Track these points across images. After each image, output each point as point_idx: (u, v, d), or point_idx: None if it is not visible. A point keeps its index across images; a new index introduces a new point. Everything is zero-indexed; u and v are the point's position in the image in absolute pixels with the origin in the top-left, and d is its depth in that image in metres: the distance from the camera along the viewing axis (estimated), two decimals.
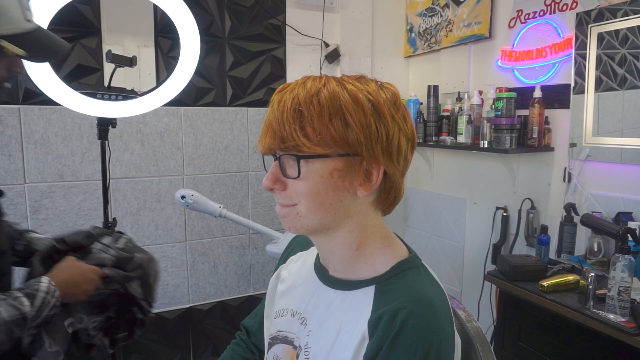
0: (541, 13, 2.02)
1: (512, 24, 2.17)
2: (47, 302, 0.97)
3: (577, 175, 1.90)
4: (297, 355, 0.71)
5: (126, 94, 1.64)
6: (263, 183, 0.67)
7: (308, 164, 0.63)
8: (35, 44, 0.92)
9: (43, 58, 0.99)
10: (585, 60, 1.81)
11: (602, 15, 1.74)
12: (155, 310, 2.38)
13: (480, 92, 2.26)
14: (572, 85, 1.87)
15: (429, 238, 2.77)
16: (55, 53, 0.99)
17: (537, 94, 1.95)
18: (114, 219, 1.75)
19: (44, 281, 1.00)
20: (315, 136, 0.62)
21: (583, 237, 1.84)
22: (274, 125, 0.63)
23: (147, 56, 2.23)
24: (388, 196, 0.69)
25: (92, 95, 1.58)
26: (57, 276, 1.04)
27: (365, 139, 0.62)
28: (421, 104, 2.59)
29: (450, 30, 2.50)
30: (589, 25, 1.78)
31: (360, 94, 0.63)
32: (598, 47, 1.77)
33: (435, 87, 2.47)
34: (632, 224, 1.58)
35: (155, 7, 2.18)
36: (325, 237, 0.69)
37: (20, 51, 0.90)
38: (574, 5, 1.88)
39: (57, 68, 2.00)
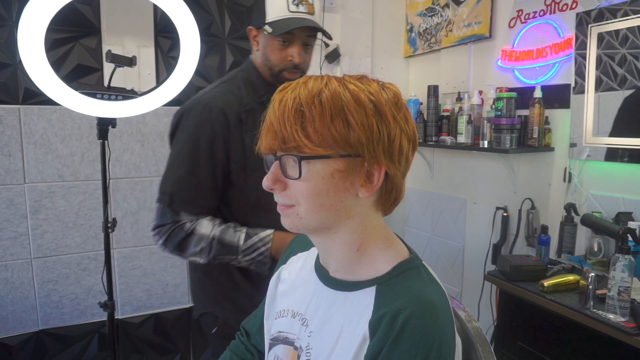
0: (541, 13, 2.02)
1: (512, 24, 2.17)
2: (257, 247, 1.14)
3: (577, 175, 1.90)
4: (298, 356, 0.71)
5: (126, 94, 1.64)
6: (263, 183, 0.67)
7: (309, 165, 0.63)
8: (280, 24, 1.14)
9: (281, 30, 1.14)
10: (585, 60, 1.81)
11: (602, 15, 1.74)
12: (155, 311, 2.39)
13: (481, 92, 2.26)
14: (572, 85, 1.87)
15: (429, 238, 2.76)
16: (290, 27, 1.14)
17: (537, 93, 1.94)
18: (114, 219, 1.76)
19: (267, 232, 1.17)
20: (317, 137, 0.61)
21: (583, 237, 1.84)
22: (275, 125, 0.63)
23: (147, 56, 2.23)
24: (389, 197, 0.68)
25: (92, 95, 1.58)
26: (281, 234, 1.16)
27: (367, 140, 0.62)
28: (421, 104, 2.59)
29: (451, 30, 2.50)
30: (589, 25, 1.78)
31: (362, 94, 0.62)
32: (598, 47, 1.77)
33: (435, 87, 2.47)
34: (632, 224, 1.57)
35: (155, 7, 2.18)
36: (325, 237, 0.69)
37: (269, 29, 1.14)
38: (574, 5, 1.87)
39: (56, 68, 2.00)
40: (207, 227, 1.15)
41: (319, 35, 1.25)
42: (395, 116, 0.64)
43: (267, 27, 1.14)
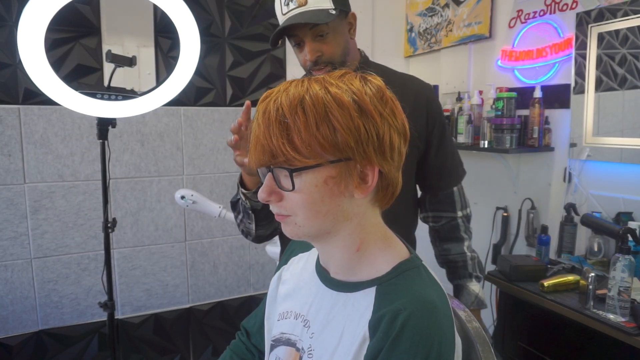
0: (541, 13, 2.02)
1: (512, 24, 2.17)
2: (241, 199, 1.09)
3: (577, 175, 1.90)
4: (300, 358, 0.71)
5: (126, 94, 1.64)
6: (259, 195, 0.66)
7: (301, 176, 0.62)
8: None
9: (273, 43, 1.14)
10: (585, 60, 1.81)
11: (602, 15, 1.74)
12: (155, 311, 2.39)
13: (481, 92, 2.26)
14: (572, 85, 1.87)
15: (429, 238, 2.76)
16: (274, 35, 1.12)
17: (537, 93, 1.95)
18: (114, 219, 1.75)
19: None
20: (305, 148, 0.60)
21: (583, 237, 1.84)
22: (262, 140, 0.62)
23: (147, 56, 2.23)
24: (386, 193, 0.68)
25: (92, 95, 1.58)
26: None
27: (356, 143, 0.61)
28: None
29: (451, 30, 2.50)
30: (589, 25, 1.78)
31: (345, 96, 0.61)
32: (598, 47, 1.76)
33: (435, 87, 2.47)
34: (632, 224, 1.57)
35: (155, 7, 2.18)
36: (325, 241, 0.69)
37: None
38: (574, 5, 1.87)
39: (56, 68, 2.00)
40: None
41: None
42: (381, 113, 0.63)
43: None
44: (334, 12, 1.08)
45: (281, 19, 1.10)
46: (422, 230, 1.47)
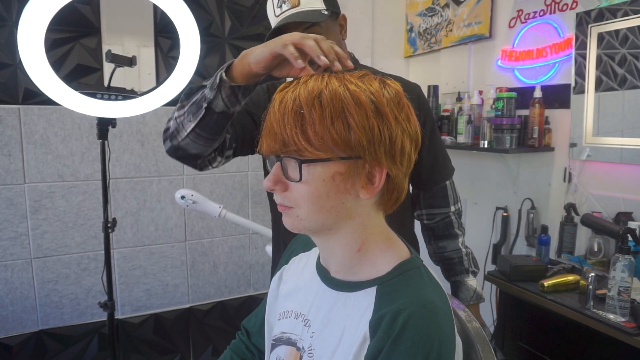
0: (541, 13, 2.02)
1: (512, 24, 2.17)
2: (216, 71, 0.88)
3: (577, 175, 1.90)
4: (301, 357, 0.71)
5: (126, 94, 1.64)
6: (264, 183, 0.67)
7: (310, 168, 0.62)
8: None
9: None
10: (585, 60, 1.81)
11: (602, 15, 1.74)
12: (155, 311, 2.38)
13: (481, 92, 2.26)
14: (573, 85, 1.87)
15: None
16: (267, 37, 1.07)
17: (538, 93, 1.95)
18: (114, 219, 1.76)
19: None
20: (317, 140, 0.61)
21: (583, 237, 1.84)
22: (275, 128, 0.62)
23: (147, 56, 2.23)
24: (391, 197, 0.68)
25: (92, 95, 1.58)
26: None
27: (368, 142, 0.61)
28: None
29: (451, 30, 2.50)
30: (589, 25, 1.78)
31: (362, 95, 0.62)
32: (598, 47, 1.77)
33: (435, 87, 2.46)
34: (632, 224, 1.57)
35: (155, 7, 2.18)
36: (326, 237, 0.69)
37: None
38: (574, 5, 1.87)
39: (56, 68, 2.00)
40: None
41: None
42: (396, 116, 0.64)
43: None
44: (326, 12, 1.09)
45: (274, 21, 1.09)
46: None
